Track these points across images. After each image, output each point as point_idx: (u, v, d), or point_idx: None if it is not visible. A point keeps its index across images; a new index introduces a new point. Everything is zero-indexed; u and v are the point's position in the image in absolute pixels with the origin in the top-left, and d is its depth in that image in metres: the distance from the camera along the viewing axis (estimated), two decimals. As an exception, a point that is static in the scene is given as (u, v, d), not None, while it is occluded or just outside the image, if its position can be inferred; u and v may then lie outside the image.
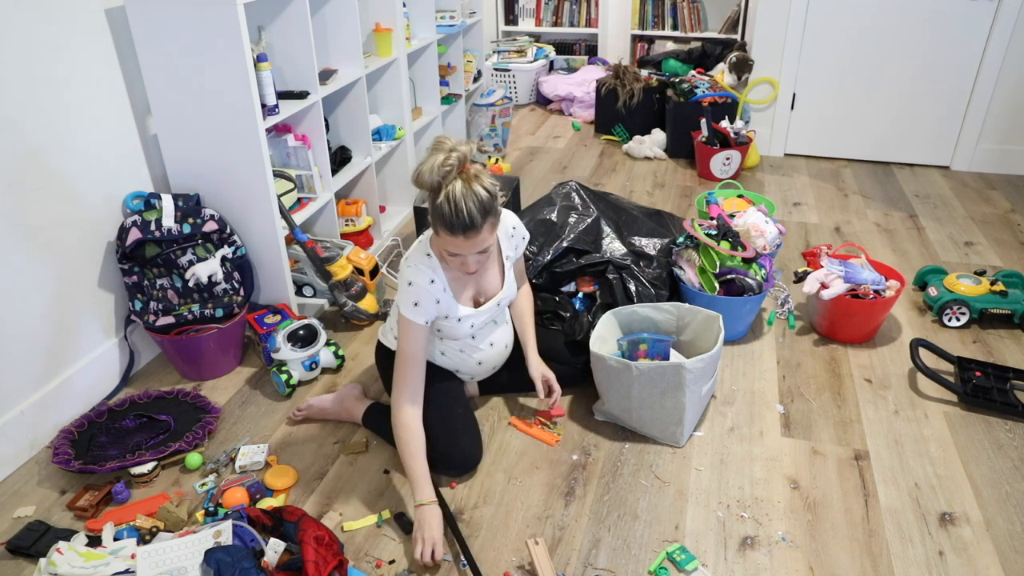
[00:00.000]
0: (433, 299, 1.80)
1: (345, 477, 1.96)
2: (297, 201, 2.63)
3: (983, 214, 3.51)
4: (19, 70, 1.90)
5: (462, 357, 2.02)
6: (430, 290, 1.79)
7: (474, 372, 2.09)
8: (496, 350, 2.06)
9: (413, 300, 1.77)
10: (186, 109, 2.23)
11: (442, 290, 1.82)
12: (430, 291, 1.79)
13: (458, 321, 1.88)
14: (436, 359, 2.03)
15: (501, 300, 1.96)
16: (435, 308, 1.82)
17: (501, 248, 1.96)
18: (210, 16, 2.06)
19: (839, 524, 1.78)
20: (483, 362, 2.05)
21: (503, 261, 1.97)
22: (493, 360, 2.08)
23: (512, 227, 1.98)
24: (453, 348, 2.00)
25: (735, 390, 2.28)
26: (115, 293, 2.30)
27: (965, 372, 2.25)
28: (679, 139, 4.26)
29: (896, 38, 3.89)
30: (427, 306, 1.79)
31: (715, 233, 2.49)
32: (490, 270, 1.94)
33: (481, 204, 1.62)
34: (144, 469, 1.92)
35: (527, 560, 1.68)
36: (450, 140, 1.65)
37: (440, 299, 1.82)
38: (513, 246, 1.99)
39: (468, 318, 1.90)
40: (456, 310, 1.86)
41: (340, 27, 2.80)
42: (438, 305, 1.82)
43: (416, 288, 1.78)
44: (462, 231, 1.64)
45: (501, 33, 5.97)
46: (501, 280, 1.96)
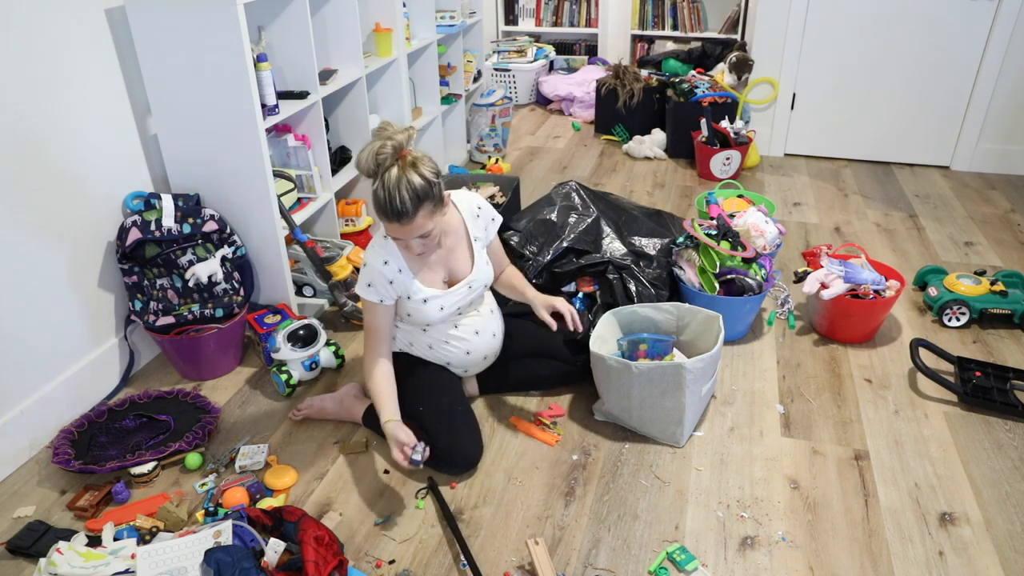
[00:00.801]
0: (386, 280, 1.86)
1: (345, 477, 1.96)
2: (297, 201, 2.63)
3: (983, 214, 3.51)
4: (19, 70, 1.90)
5: (449, 349, 2.02)
6: (383, 271, 1.86)
7: (466, 364, 2.08)
8: (483, 339, 2.06)
9: (367, 281, 1.87)
10: (186, 109, 2.23)
11: (396, 271, 1.87)
12: (382, 271, 1.86)
13: (423, 303, 1.90)
14: (426, 354, 2.04)
15: (472, 282, 1.96)
16: (389, 288, 1.87)
17: (468, 230, 1.97)
18: (210, 16, 2.06)
19: (839, 524, 1.78)
20: (472, 352, 2.05)
21: (471, 243, 1.98)
22: (482, 349, 2.07)
23: (477, 207, 1.99)
24: (439, 340, 2.01)
25: (735, 390, 2.28)
26: (115, 293, 2.30)
27: (965, 372, 2.25)
28: (679, 139, 4.26)
29: (896, 38, 3.89)
30: (380, 286, 1.86)
31: (715, 233, 2.49)
32: (458, 252, 1.96)
33: (414, 191, 1.65)
34: (144, 469, 1.92)
35: (527, 560, 1.68)
36: (392, 127, 1.68)
37: (394, 280, 1.87)
38: (481, 227, 2.00)
39: (435, 299, 1.91)
40: (418, 291, 1.89)
41: (340, 27, 2.80)
42: (391, 286, 1.87)
43: (369, 268, 1.86)
44: (396, 217, 1.68)
45: (501, 33, 5.97)
46: (471, 263, 1.98)
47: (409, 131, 1.70)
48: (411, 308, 1.92)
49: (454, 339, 2.01)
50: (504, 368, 2.21)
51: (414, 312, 1.92)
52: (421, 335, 2.01)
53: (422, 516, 1.83)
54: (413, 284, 1.89)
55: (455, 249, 1.95)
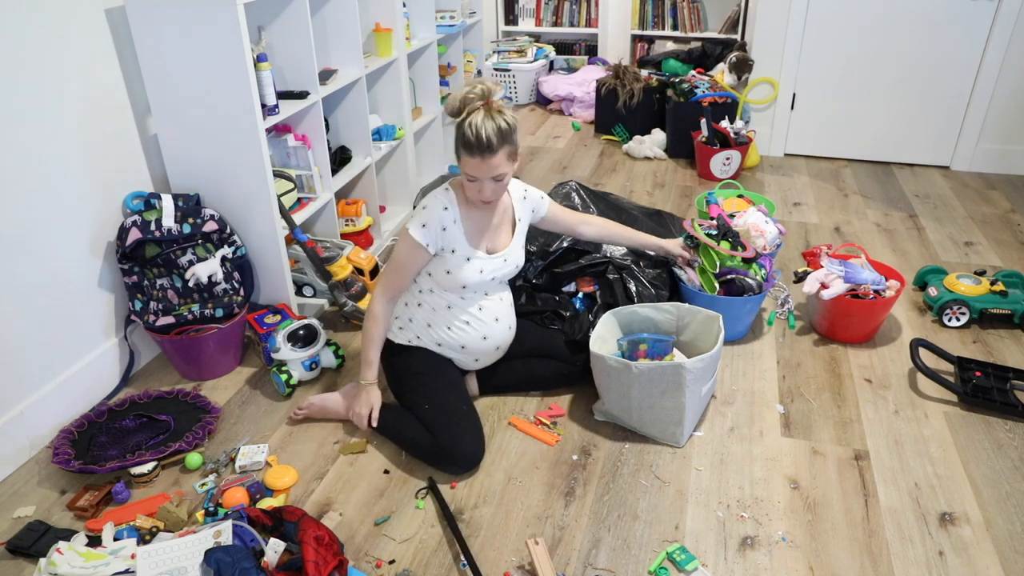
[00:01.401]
0: (440, 225, 1.92)
1: (345, 477, 1.96)
2: (297, 201, 2.63)
3: (983, 214, 3.51)
4: (19, 70, 1.90)
5: (468, 331, 2.04)
6: (440, 216, 1.92)
7: (480, 351, 2.09)
8: (501, 328, 2.09)
9: (422, 221, 1.92)
10: (186, 109, 2.23)
11: (452, 221, 1.93)
12: (440, 216, 1.92)
13: (466, 261, 1.96)
14: (441, 337, 2.05)
15: (507, 256, 2.04)
16: (440, 236, 1.93)
17: (515, 210, 2.08)
18: (210, 16, 2.06)
19: (839, 524, 1.78)
20: (488, 337, 2.07)
21: (515, 222, 2.08)
22: (497, 338, 2.10)
23: (524, 190, 2.12)
24: (461, 321, 2.03)
25: (735, 390, 2.28)
26: (115, 293, 2.30)
27: (965, 372, 2.25)
28: (679, 139, 4.26)
29: (896, 38, 3.89)
30: (433, 229, 1.91)
31: (715, 233, 2.49)
32: (502, 227, 2.05)
33: (499, 130, 1.78)
34: (144, 469, 1.92)
35: (527, 560, 1.68)
36: (483, 79, 1.86)
37: (447, 228, 1.93)
38: (528, 208, 2.12)
39: (477, 260, 1.98)
40: (464, 246, 1.96)
41: (340, 27, 2.80)
42: (444, 233, 1.93)
43: (428, 211, 1.93)
44: (479, 152, 1.78)
45: (501, 33, 5.97)
46: (510, 240, 2.07)
47: (496, 86, 1.84)
48: (452, 264, 1.96)
49: (475, 321, 2.04)
50: (504, 368, 2.22)
51: (454, 269, 1.97)
52: (444, 313, 2.03)
53: (422, 516, 1.83)
54: (462, 239, 1.96)
55: (502, 223, 2.05)
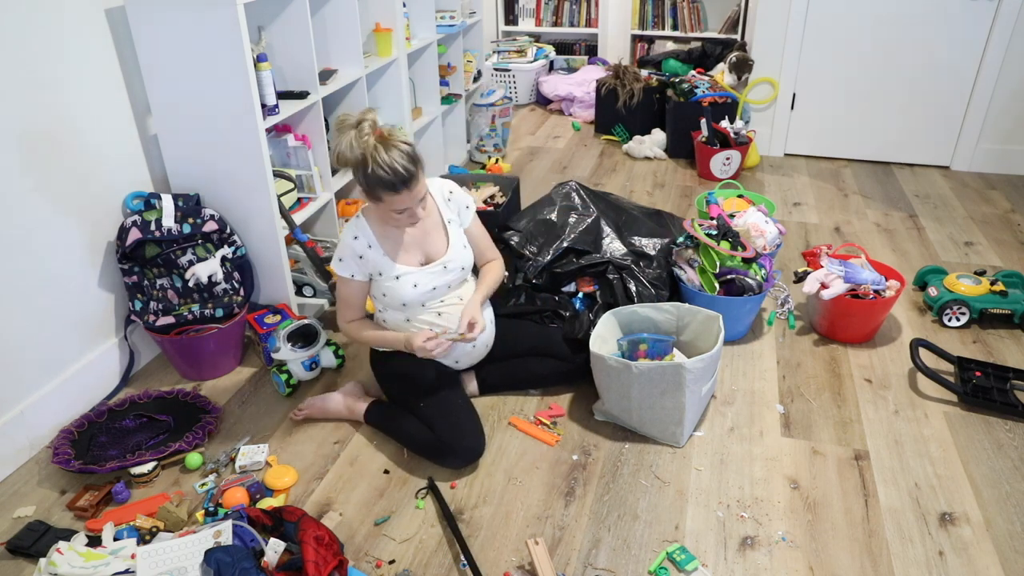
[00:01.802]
0: (356, 254, 1.93)
1: (345, 477, 1.96)
2: (297, 201, 2.63)
3: (983, 214, 3.51)
4: (19, 70, 1.90)
5: None
6: (353, 246, 1.93)
7: (456, 353, 2.08)
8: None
9: (339, 256, 1.96)
10: (186, 109, 2.23)
11: (367, 246, 1.93)
12: (352, 247, 1.93)
13: (396, 279, 1.95)
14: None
15: (447, 262, 2.00)
16: (359, 264, 1.94)
17: (441, 212, 2.03)
18: (210, 16, 2.06)
19: (839, 524, 1.78)
20: None
21: (445, 224, 2.03)
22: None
23: (449, 191, 2.05)
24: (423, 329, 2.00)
25: (735, 390, 2.28)
26: (115, 293, 2.30)
27: (965, 372, 2.25)
28: (679, 139, 4.26)
29: (896, 38, 3.89)
30: (349, 261, 1.94)
31: (715, 233, 2.49)
32: (433, 234, 2.01)
33: (408, 156, 1.75)
34: (144, 469, 1.92)
35: (527, 560, 1.68)
36: (352, 114, 1.77)
37: (364, 255, 1.93)
38: (454, 211, 2.06)
39: (407, 276, 1.95)
40: (389, 267, 1.95)
41: (340, 27, 2.80)
42: (361, 261, 1.94)
43: (341, 244, 1.95)
44: (404, 185, 1.75)
45: (501, 33, 5.97)
46: (447, 244, 2.02)
47: (371, 112, 1.78)
48: (385, 287, 1.96)
49: (438, 327, 2.01)
50: (504, 367, 2.22)
51: (388, 291, 1.96)
52: (407, 326, 2.03)
53: (422, 516, 1.83)
54: (384, 260, 1.94)
55: (430, 231, 2.01)
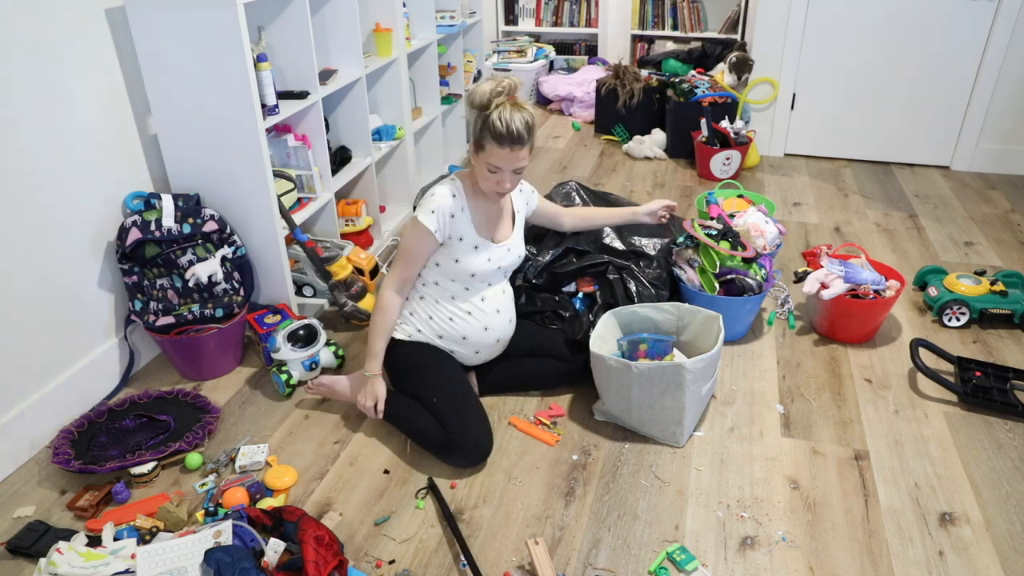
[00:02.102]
0: (449, 212, 1.96)
1: (345, 477, 1.96)
2: (297, 201, 2.63)
3: (983, 214, 3.51)
4: (19, 70, 1.90)
5: (470, 321, 2.06)
6: (450, 203, 1.96)
7: (481, 342, 2.10)
8: (502, 320, 2.12)
9: (431, 208, 1.95)
10: (186, 109, 2.23)
11: (460, 208, 1.98)
12: (449, 204, 1.96)
13: (474, 249, 2.01)
14: (443, 329, 2.06)
15: (510, 245, 2.09)
16: (449, 224, 1.96)
17: (513, 202, 2.15)
18: (210, 16, 2.06)
19: (839, 524, 1.78)
20: (489, 328, 2.09)
21: (514, 213, 2.14)
22: (498, 331, 2.12)
23: (520, 184, 2.19)
24: (463, 311, 2.05)
25: (735, 390, 2.28)
26: (115, 293, 2.30)
27: (965, 372, 2.25)
28: (679, 139, 4.26)
29: (896, 38, 3.89)
30: (442, 216, 1.95)
31: (715, 233, 2.49)
32: (504, 218, 2.11)
33: (526, 124, 1.85)
34: (144, 469, 1.92)
35: (527, 560, 1.68)
36: (507, 76, 1.91)
37: (456, 215, 1.97)
38: (523, 201, 2.20)
39: (484, 248, 2.03)
40: (472, 235, 2.01)
41: (340, 27, 2.80)
42: (452, 221, 1.97)
43: (437, 198, 1.96)
44: (509, 143, 1.84)
45: (501, 33, 5.97)
46: (511, 229, 2.13)
47: (517, 83, 1.91)
48: (460, 253, 2.00)
49: (477, 311, 2.06)
50: (504, 367, 2.22)
51: (463, 258, 2.00)
52: (447, 304, 2.06)
53: (422, 516, 1.83)
54: (470, 227, 2.00)
55: (503, 215, 2.11)
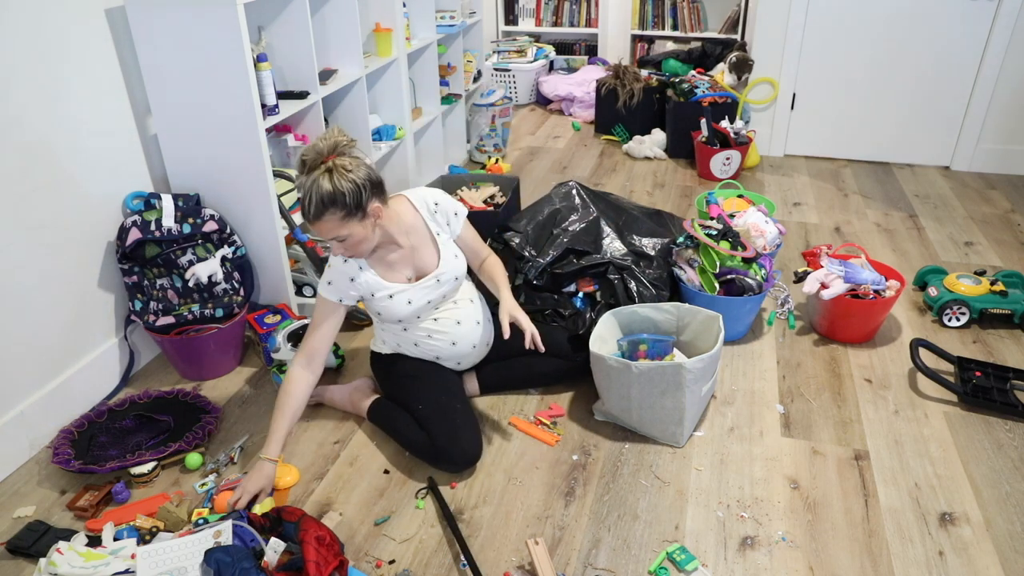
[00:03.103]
0: (347, 276, 1.91)
1: (345, 477, 1.96)
2: (297, 201, 2.62)
3: (983, 214, 3.51)
4: (19, 70, 1.90)
5: (433, 343, 2.03)
6: (343, 269, 1.91)
7: (456, 355, 2.08)
8: (467, 328, 2.06)
9: (328, 279, 1.92)
10: (186, 109, 2.23)
11: (358, 268, 1.91)
12: (343, 270, 1.91)
13: (389, 298, 1.93)
14: (414, 352, 2.06)
15: (440, 275, 1.97)
16: (351, 286, 1.91)
17: (428, 227, 1.99)
18: (210, 16, 2.06)
19: (839, 524, 1.78)
20: (458, 342, 2.05)
21: (434, 238, 1.99)
22: (469, 339, 2.07)
23: (434, 203, 2.00)
24: (421, 336, 2.02)
25: (735, 390, 2.28)
26: (115, 293, 2.30)
27: (965, 372, 2.25)
28: (679, 139, 4.26)
29: (896, 38, 3.89)
30: (340, 283, 1.91)
31: (715, 233, 2.49)
32: (422, 249, 1.97)
33: (320, 197, 1.69)
34: (144, 469, 1.92)
35: (527, 560, 1.68)
36: (334, 132, 1.72)
37: (355, 277, 1.91)
38: (442, 222, 2.01)
39: (400, 294, 1.94)
40: (382, 287, 1.93)
41: (340, 27, 2.80)
42: (353, 283, 1.91)
43: (331, 268, 1.92)
44: (303, 217, 1.75)
45: (501, 33, 5.97)
46: (437, 257, 1.99)
47: (344, 139, 1.73)
48: (379, 306, 1.95)
49: (436, 333, 2.02)
50: (504, 366, 2.22)
51: (383, 309, 1.95)
52: (403, 334, 2.04)
53: (422, 516, 1.83)
54: (376, 280, 1.93)
55: (419, 247, 1.97)
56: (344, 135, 1.73)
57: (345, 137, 1.73)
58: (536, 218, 2.58)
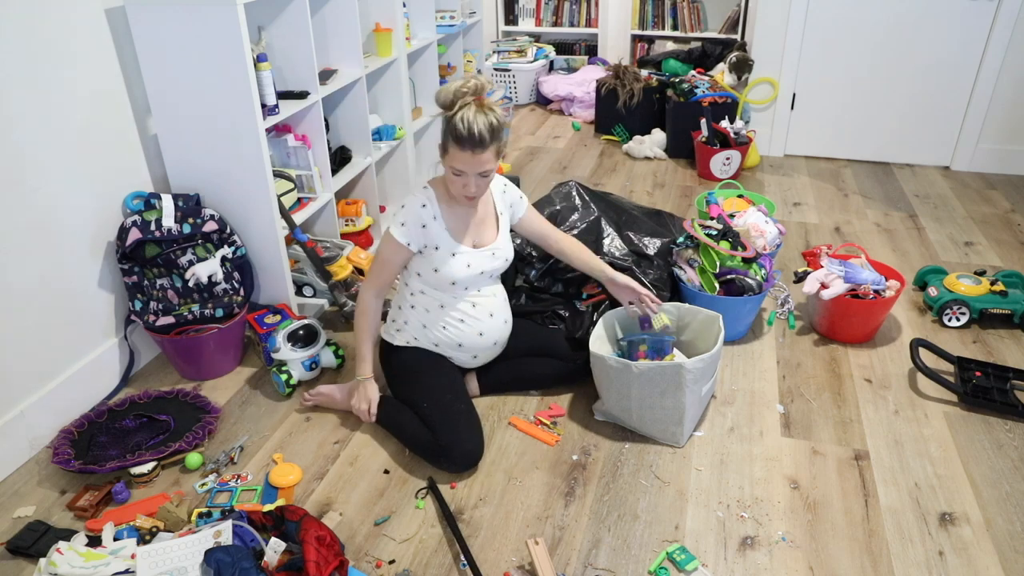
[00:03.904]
0: (420, 222, 1.94)
1: (345, 477, 1.96)
2: (297, 201, 2.63)
3: (983, 214, 3.51)
4: (19, 70, 1.90)
5: (463, 328, 2.04)
6: (419, 213, 1.94)
7: (477, 347, 2.09)
8: (496, 323, 2.09)
9: (401, 220, 1.95)
10: (186, 109, 2.23)
11: (432, 217, 1.95)
12: (419, 214, 1.94)
13: (452, 256, 1.97)
14: (437, 336, 2.06)
15: (496, 249, 2.04)
16: (421, 233, 1.94)
17: (495, 204, 2.08)
18: (210, 16, 2.06)
19: (839, 524, 1.78)
20: (484, 333, 2.08)
21: (497, 215, 2.08)
22: (494, 334, 2.10)
23: (504, 184, 2.11)
24: (455, 319, 2.03)
25: (735, 390, 2.28)
26: (115, 293, 2.30)
27: (965, 372, 2.25)
28: (679, 139, 4.26)
29: (896, 38, 3.89)
30: (413, 227, 1.94)
31: (715, 233, 2.49)
32: (487, 221, 2.05)
33: (490, 126, 1.79)
34: (144, 469, 1.92)
35: (527, 560, 1.68)
36: (477, 75, 1.85)
37: (427, 224, 1.94)
38: (507, 203, 2.11)
39: (462, 255, 1.98)
40: (448, 242, 1.97)
41: (340, 27, 2.80)
42: (424, 230, 1.94)
43: (407, 209, 1.95)
44: (470, 147, 1.79)
45: (501, 33, 5.97)
46: (496, 233, 2.07)
47: (489, 81, 1.87)
48: (438, 261, 1.97)
49: (469, 318, 2.04)
50: (505, 367, 2.22)
51: (440, 266, 1.97)
52: (438, 312, 2.04)
53: (422, 516, 1.83)
54: (444, 235, 1.97)
55: (485, 219, 2.05)
56: (488, 80, 1.86)
57: (490, 83, 1.87)
58: (536, 218, 2.57)
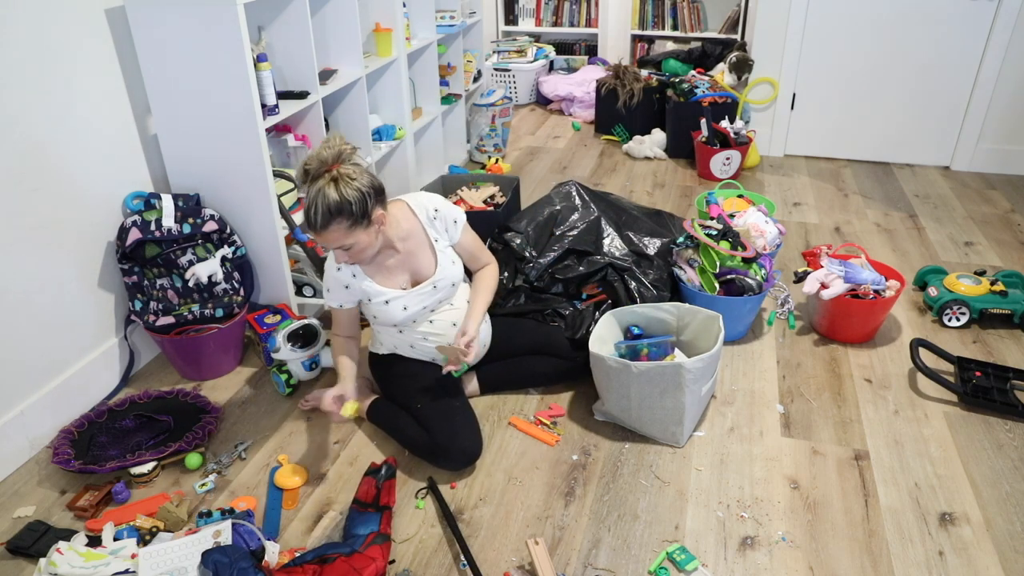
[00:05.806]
0: (341, 284, 1.95)
1: (345, 477, 1.96)
2: (297, 201, 2.63)
3: (983, 214, 3.51)
4: (19, 70, 1.90)
5: (428, 345, 2.04)
6: (337, 277, 1.94)
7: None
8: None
9: (326, 287, 1.98)
10: (186, 109, 2.23)
11: (351, 276, 1.94)
12: (337, 277, 1.94)
13: (385, 304, 1.95)
14: (408, 352, 2.06)
15: (437, 282, 1.98)
16: (347, 293, 1.96)
17: (427, 233, 1.99)
18: (210, 16, 2.06)
19: (839, 524, 1.78)
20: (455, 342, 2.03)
21: (432, 244, 1.99)
22: None
23: (434, 209, 2.00)
24: (417, 339, 2.03)
25: (735, 390, 2.28)
26: (115, 293, 2.30)
27: (965, 372, 2.25)
28: (679, 139, 4.26)
29: (896, 38, 3.89)
30: (336, 291, 1.96)
31: (715, 233, 2.49)
32: (419, 255, 1.98)
33: (327, 206, 1.69)
34: (144, 469, 1.92)
35: (527, 560, 1.68)
36: (335, 139, 1.72)
37: (349, 284, 1.94)
38: (440, 228, 2.01)
39: (397, 300, 1.95)
40: (378, 293, 1.94)
41: (340, 27, 2.80)
42: (349, 290, 1.95)
43: (327, 275, 1.97)
44: (309, 227, 1.75)
45: (501, 33, 5.96)
46: (435, 263, 1.99)
47: (347, 148, 1.73)
48: (375, 310, 1.97)
49: (432, 335, 2.03)
50: (505, 366, 2.22)
51: (379, 314, 1.97)
52: (399, 336, 2.04)
53: (422, 516, 1.83)
54: (371, 286, 1.94)
55: (416, 252, 1.97)
56: (346, 143, 1.73)
57: (348, 145, 1.73)
58: (536, 218, 2.57)
